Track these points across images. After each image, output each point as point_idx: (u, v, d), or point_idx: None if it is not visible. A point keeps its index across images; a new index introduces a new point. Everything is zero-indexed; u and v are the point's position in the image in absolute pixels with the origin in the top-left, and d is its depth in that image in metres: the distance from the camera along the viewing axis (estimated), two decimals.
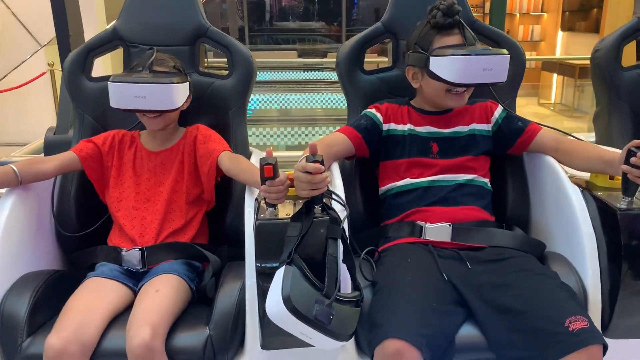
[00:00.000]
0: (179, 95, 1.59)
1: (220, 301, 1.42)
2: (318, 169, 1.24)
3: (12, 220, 1.51)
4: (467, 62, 1.50)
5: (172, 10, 1.84)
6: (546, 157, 1.63)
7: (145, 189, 1.66)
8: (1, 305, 1.42)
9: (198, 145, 1.67)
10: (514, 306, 1.28)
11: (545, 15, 8.51)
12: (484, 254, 1.49)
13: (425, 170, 1.61)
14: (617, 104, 1.94)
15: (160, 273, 1.50)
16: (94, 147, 1.67)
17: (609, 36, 1.98)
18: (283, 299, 1.14)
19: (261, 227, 1.31)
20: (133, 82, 1.53)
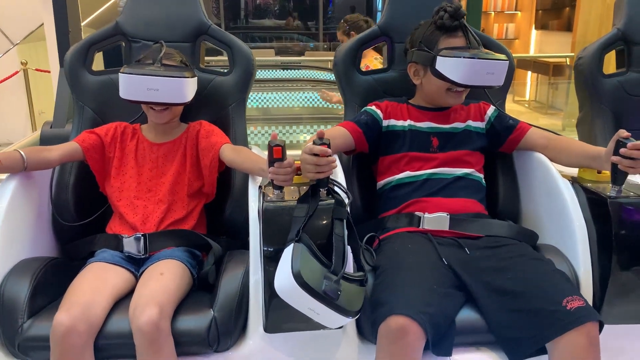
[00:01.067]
0: (189, 89, 1.61)
1: (224, 285, 1.44)
2: (325, 151, 1.27)
3: (13, 206, 1.52)
4: (473, 65, 1.58)
5: (174, 7, 1.87)
6: (536, 154, 1.69)
7: (147, 179, 1.67)
8: (1, 288, 1.42)
9: (200, 139, 1.69)
10: (513, 288, 1.33)
11: (519, 13, 8.65)
12: (481, 242, 1.54)
13: (425, 164, 1.66)
14: (599, 109, 2.04)
15: (162, 259, 1.51)
16: (96, 137, 1.68)
17: (591, 46, 2.09)
18: (293, 274, 1.17)
19: (268, 210, 1.33)
20: (146, 74, 1.54)
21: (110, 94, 1.77)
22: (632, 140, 1.36)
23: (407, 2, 1.90)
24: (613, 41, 2.06)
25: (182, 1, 1.88)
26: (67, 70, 1.84)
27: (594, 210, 1.47)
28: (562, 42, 7.05)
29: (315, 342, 1.44)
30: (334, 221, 1.31)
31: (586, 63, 2.05)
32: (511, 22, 8.72)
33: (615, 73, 2.08)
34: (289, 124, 3.52)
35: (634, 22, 2.03)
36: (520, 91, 8.07)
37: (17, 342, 1.37)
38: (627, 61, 2.07)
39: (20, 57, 5.36)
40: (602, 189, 1.48)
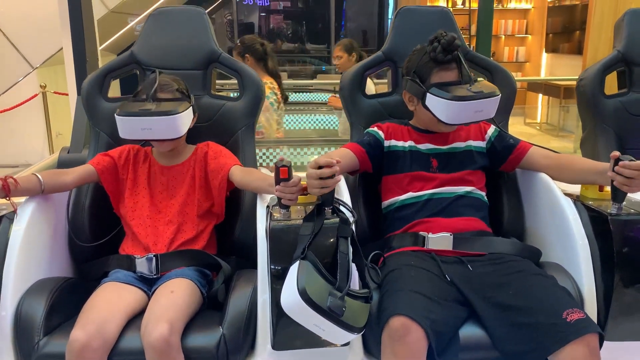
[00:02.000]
0: (183, 124, 1.65)
1: (233, 303, 1.48)
2: (329, 162, 1.31)
3: (31, 229, 1.57)
4: (460, 107, 1.60)
5: (187, 37, 1.95)
6: (539, 173, 1.71)
7: (158, 201, 1.73)
8: (19, 306, 1.47)
9: (209, 161, 1.74)
10: (514, 303, 1.36)
11: (529, 37, 8.71)
12: (485, 259, 1.56)
13: (426, 184, 1.69)
14: (602, 128, 2.07)
15: (173, 277, 1.55)
16: (110, 160, 1.74)
17: (592, 67, 2.12)
18: (299, 291, 1.20)
19: (275, 229, 1.37)
20: (138, 115, 1.59)
21: None
22: (627, 159, 1.38)
23: (410, 28, 1.96)
24: (613, 63, 2.11)
25: (194, 31, 1.95)
26: (84, 98, 1.92)
27: (596, 228, 1.49)
28: (572, 65, 7.09)
29: (323, 359, 1.46)
30: (339, 239, 1.35)
31: (588, 84, 2.08)
32: (522, 46, 8.79)
33: (617, 94, 2.12)
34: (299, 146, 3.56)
35: (633, 44, 2.08)
36: (531, 114, 8.09)
37: (33, 359, 1.41)
38: (628, 82, 2.11)
39: (39, 80, 5.50)
40: (603, 207, 1.50)
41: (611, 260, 1.41)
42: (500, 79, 1.93)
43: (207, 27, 1.96)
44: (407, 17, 1.99)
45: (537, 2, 8.53)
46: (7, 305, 1.46)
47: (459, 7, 8.58)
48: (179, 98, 1.68)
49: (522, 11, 8.67)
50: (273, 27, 10.77)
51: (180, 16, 1.97)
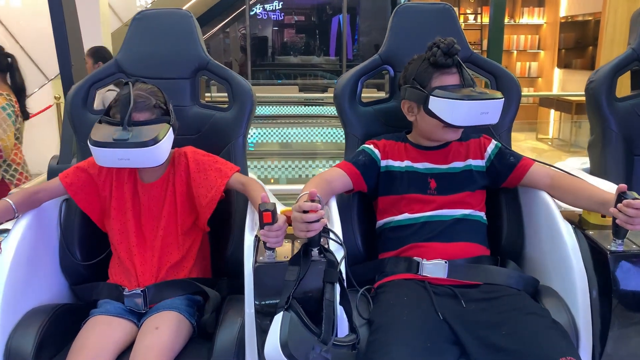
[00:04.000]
0: (163, 151, 1.51)
1: (221, 338, 1.43)
2: (314, 207, 1.27)
3: (20, 255, 1.52)
4: (467, 107, 1.55)
5: (172, 43, 1.86)
6: (540, 192, 1.64)
7: (143, 224, 1.64)
8: (8, 343, 1.43)
9: (193, 175, 1.63)
10: (507, 345, 1.30)
11: (542, 52, 8.69)
12: (479, 291, 1.50)
13: (423, 206, 1.63)
14: (610, 133, 1.95)
15: (161, 310, 1.51)
16: (87, 178, 1.64)
17: (604, 67, 2.00)
18: (281, 345, 1.17)
19: (260, 269, 1.34)
20: (113, 147, 1.45)
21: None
22: (632, 196, 1.31)
23: (409, 28, 1.87)
24: (628, 62, 1.96)
25: (181, 37, 1.85)
26: (68, 110, 1.83)
27: (595, 260, 1.43)
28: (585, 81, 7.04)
29: None
30: (325, 284, 1.30)
31: (597, 86, 1.96)
32: (534, 61, 8.76)
33: (629, 96, 1.98)
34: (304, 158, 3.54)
35: None
36: (543, 129, 8.04)
37: None
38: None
39: (54, 92, 5.59)
40: (604, 238, 1.43)
41: (609, 296, 1.37)
42: (505, 83, 1.85)
43: (194, 32, 1.86)
44: (406, 16, 1.89)
45: (549, 18, 8.52)
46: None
47: (470, 22, 8.60)
48: (157, 119, 1.53)
49: (535, 26, 8.66)
50: (286, 40, 10.86)
51: (165, 20, 1.86)
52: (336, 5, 10.15)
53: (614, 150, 1.94)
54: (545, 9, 8.57)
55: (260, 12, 10.40)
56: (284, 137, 4.62)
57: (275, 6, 10.43)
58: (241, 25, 9.99)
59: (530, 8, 8.59)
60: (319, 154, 3.93)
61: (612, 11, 6.26)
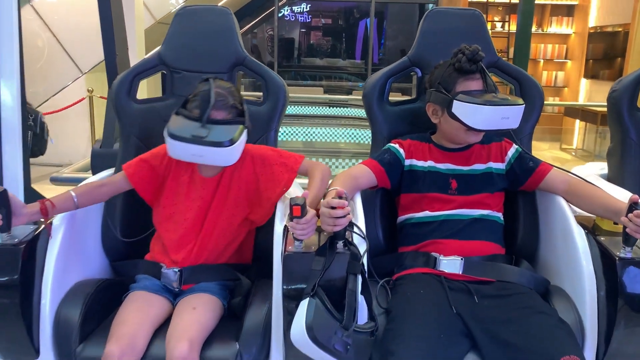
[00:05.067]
0: (237, 152, 1.58)
1: (249, 319, 1.53)
2: (341, 204, 1.36)
3: (65, 239, 1.62)
4: (488, 112, 1.62)
5: (212, 38, 1.95)
6: (557, 197, 1.70)
7: (195, 213, 1.70)
8: (58, 312, 1.56)
9: (258, 170, 1.70)
10: (515, 342, 1.38)
11: (569, 62, 8.64)
12: (492, 288, 1.58)
13: (444, 205, 1.71)
14: (629, 143, 1.98)
15: (196, 292, 1.62)
16: (149, 168, 1.71)
17: (627, 77, 2.03)
18: (306, 328, 1.26)
19: (288, 258, 1.43)
20: (190, 142, 1.52)
21: (154, 123, 1.85)
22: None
23: (439, 32, 1.93)
24: None
25: (220, 33, 1.94)
26: (113, 99, 1.93)
27: (604, 265, 1.49)
28: None
29: None
30: (348, 276, 1.39)
31: (619, 95, 1.99)
32: (561, 70, 8.72)
33: None
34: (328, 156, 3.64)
35: None
36: (567, 139, 8.01)
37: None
38: None
39: (87, 85, 5.77)
40: (614, 244, 1.49)
41: (615, 299, 1.42)
42: (529, 89, 1.91)
43: (233, 28, 1.95)
44: (436, 20, 1.95)
45: (578, 28, 8.48)
46: (47, 312, 1.54)
47: (497, 29, 8.60)
48: (233, 119, 1.59)
49: (563, 36, 8.62)
50: (313, 42, 10.94)
51: (206, 16, 1.95)
52: (363, 9, 10.22)
53: (632, 159, 1.97)
54: (574, 19, 8.53)
55: (288, 14, 10.53)
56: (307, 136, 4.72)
57: (302, 8, 10.55)
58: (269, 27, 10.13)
59: (559, 17, 8.55)
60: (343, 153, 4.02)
61: None
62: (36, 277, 1.54)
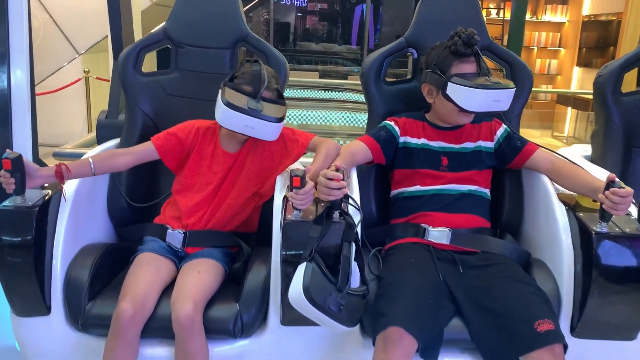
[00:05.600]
0: (280, 129, 1.72)
1: (249, 283, 1.64)
2: (336, 176, 1.46)
3: (75, 203, 1.72)
4: (481, 95, 1.71)
5: (217, 15, 2.04)
6: (541, 175, 1.80)
7: (214, 186, 1.80)
8: (68, 272, 1.65)
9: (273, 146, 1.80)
10: (495, 307, 1.51)
11: (562, 50, 8.72)
12: (476, 258, 1.69)
13: (434, 180, 1.81)
14: (612, 126, 2.08)
15: (200, 257, 1.73)
16: (176, 142, 1.80)
17: (612, 63, 2.13)
18: (303, 289, 1.37)
19: (287, 225, 1.52)
20: (247, 114, 1.63)
21: (158, 94, 1.95)
22: (619, 185, 1.46)
23: (434, 16, 2.02)
24: (635, 60, 2.08)
25: (224, 10, 2.03)
26: (120, 70, 2.02)
27: (582, 240, 1.59)
28: None
29: (325, 337, 1.63)
30: (343, 242, 1.49)
31: (604, 80, 2.08)
32: (554, 58, 8.79)
33: (634, 92, 2.11)
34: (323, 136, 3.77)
35: None
36: (559, 127, 8.10)
37: (80, 321, 1.62)
38: None
39: (83, 66, 5.79)
40: (592, 220, 1.58)
41: (590, 270, 1.52)
42: (519, 71, 2.00)
43: (236, 6, 2.04)
44: (432, 4, 2.03)
45: (572, 16, 8.54)
46: (58, 272, 1.64)
47: (492, 17, 8.65)
48: (278, 99, 1.71)
49: (557, 24, 8.69)
50: (309, 27, 10.93)
51: None
52: None
53: (614, 142, 2.07)
54: (568, 7, 8.59)
55: None
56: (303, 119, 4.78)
57: None
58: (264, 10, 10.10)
59: (553, 5, 8.61)
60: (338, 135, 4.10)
61: (633, 11, 6.30)
62: (48, 238, 1.62)
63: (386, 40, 10.48)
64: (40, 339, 1.67)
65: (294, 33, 10.76)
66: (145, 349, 1.58)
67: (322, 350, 1.65)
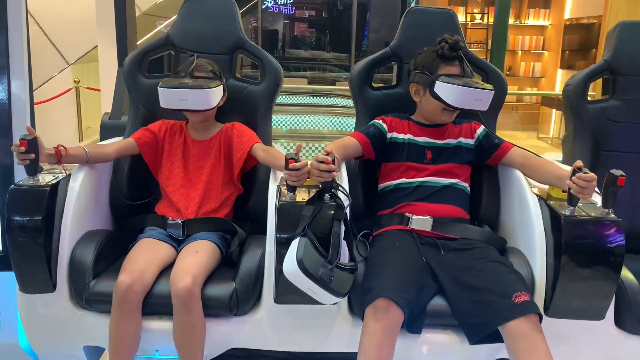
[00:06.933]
0: (214, 97, 1.91)
1: (245, 263, 1.75)
2: (326, 159, 1.57)
3: (82, 187, 1.84)
4: (464, 92, 1.86)
5: (217, 23, 2.19)
6: (515, 171, 1.96)
7: (190, 171, 2.01)
8: (73, 253, 1.75)
9: (234, 139, 2.01)
10: (474, 283, 1.63)
11: (546, 53, 8.88)
12: (456, 243, 1.82)
13: (418, 173, 1.94)
14: (581, 131, 2.22)
15: (197, 239, 1.84)
16: (151, 135, 2.02)
17: (579, 73, 2.28)
18: (297, 261, 1.48)
19: (282, 207, 1.62)
20: (177, 87, 1.87)
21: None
22: (583, 171, 1.58)
23: (417, 28, 2.16)
24: (600, 71, 2.25)
25: (224, 19, 2.19)
26: (126, 73, 2.17)
27: (552, 224, 1.70)
28: None
29: (315, 315, 1.74)
30: (333, 221, 1.60)
31: (572, 89, 2.24)
32: (538, 61, 8.95)
33: (599, 100, 2.26)
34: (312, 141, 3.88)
35: (619, 55, 2.22)
36: (544, 129, 8.25)
37: (84, 296, 1.72)
38: (611, 89, 2.25)
39: (73, 76, 5.83)
40: (561, 207, 1.69)
41: (560, 253, 1.63)
42: (494, 79, 2.14)
43: (235, 16, 2.20)
44: (415, 17, 2.19)
45: (554, 20, 8.71)
46: (64, 252, 1.75)
47: (477, 21, 8.80)
48: (212, 77, 1.95)
49: (540, 28, 8.86)
50: (297, 34, 11.03)
51: (212, 4, 2.21)
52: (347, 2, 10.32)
53: (583, 145, 2.21)
54: (550, 11, 8.77)
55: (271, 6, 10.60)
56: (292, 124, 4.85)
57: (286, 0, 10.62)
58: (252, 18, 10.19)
59: (536, 9, 8.79)
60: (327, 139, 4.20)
61: (613, 15, 6.46)
62: (56, 218, 1.74)
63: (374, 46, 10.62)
64: (45, 315, 1.76)
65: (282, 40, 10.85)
66: (145, 324, 1.69)
67: (313, 327, 1.76)
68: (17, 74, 1.91)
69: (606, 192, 1.61)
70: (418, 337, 1.68)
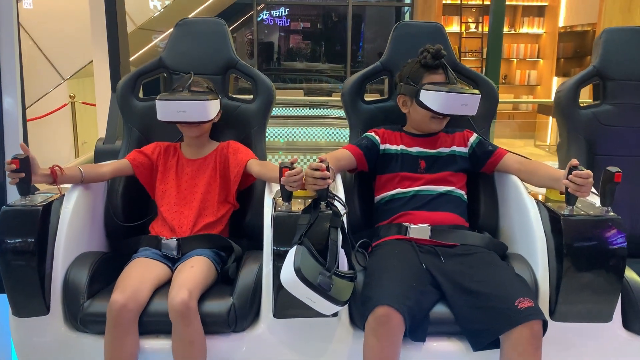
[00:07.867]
0: (211, 109, 1.93)
1: (242, 278, 1.73)
2: (320, 166, 1.58)
3: (76, 209, 1.82)
4: (450, 98, 1.86)
5: (208, 45, 2.19)
6: (512, 176, 1.95)
7: (184, 189, 1.99)
8: (67, 274, 1.73)
9: (230, 157, 2.01)
10: (476, 289, 1.60)
11: (541, 61, 8.91)
12: (456, 250, 1.80)
13: (413, 182, 1.93)
14: (575, 136, 2.22)
15: (192, 256, 1.81)
16: (144, 157, 2.02)
17: (570, 80, 2.29)
18: (295, 269, 1.46)
19: (278, 218, 1.61)
20: (175, 99, 1.88)
21: (153, 117, 2.05)
22: (579, 169, 1.57)
23: (406, 42, 2.17)
24: (589, 77, 2.26)
25: (215, 40, 2.19)
26: (119, 96, 2.16)
27: (552, 226, 1.69)
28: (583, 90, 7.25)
29: (315, 327, 1.71)
30: (330, 229, 1.58)
31: (563, 96, 2.24)
32: (533, 69, 8.98)
33: (591, 105, 2.27)
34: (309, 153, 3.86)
35: (608, 60, 2.24)
36: (541, 136, 8.25)
37: (79, 317, 1.68)
38: (601, 95, 2.26)
39: (69, 91, 5.83)
40: (559, 208, 1.68)
41: (562, 254, 1.61)
42: (485, 88, 2.13)
43: (226, 37, 2.21)
44: (404, 32, 2.20)
45: (548, 28, 8.75)
46: (58, 273, 1.72)
47: (472, 30, 8.83)
48: (208, 92, 1.96)
49: (534, 36, 8.89)
50: (292, 46, 11.07)
51: (203, 26, 2.22)
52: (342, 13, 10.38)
53: (577, 150, 2.21)
54: (545, 19, 8.80)
55: (267, 18, 10.65)
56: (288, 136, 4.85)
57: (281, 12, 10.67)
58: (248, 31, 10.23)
59: (530, 18, 8.82)
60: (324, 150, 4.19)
61: (607, 22, 6.49)
62: (49, 239, 1.71)
63: (369, 57, 10.67)
64: (39, 338, 1.73)
65: (277, 52, 10.89)
66: (141, 343, 1.66)
67: (315, 341, 1.73)
68: (9, 90, 1.91)
69: (604, 190, 1.60)
70: (422, 345, 1.65)
